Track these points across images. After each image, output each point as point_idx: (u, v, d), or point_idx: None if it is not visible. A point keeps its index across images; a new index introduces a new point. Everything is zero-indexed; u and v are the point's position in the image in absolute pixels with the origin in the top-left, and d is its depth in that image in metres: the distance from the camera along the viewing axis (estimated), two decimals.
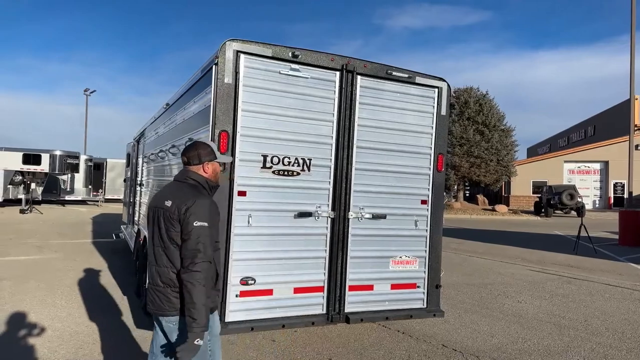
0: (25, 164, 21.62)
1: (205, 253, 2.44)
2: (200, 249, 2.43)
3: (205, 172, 2.74)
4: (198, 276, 2.40)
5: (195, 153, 2.74)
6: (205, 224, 2.48)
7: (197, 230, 2.45)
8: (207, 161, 2.74)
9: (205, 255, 2.44)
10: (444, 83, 4.57)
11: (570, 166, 37.03)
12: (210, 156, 2.76)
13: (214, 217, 2.57)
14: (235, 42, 3.71)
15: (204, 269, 2.42)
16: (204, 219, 2.48)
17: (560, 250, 12.84)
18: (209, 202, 2.57)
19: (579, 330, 5.60)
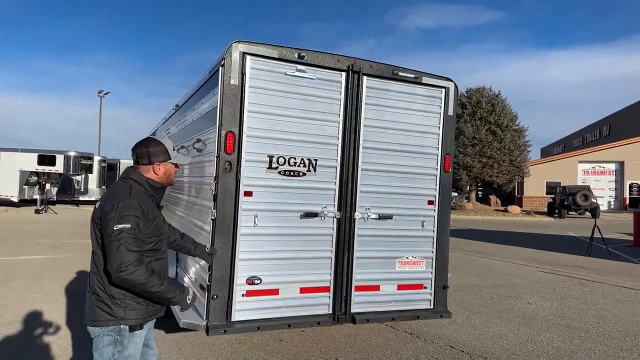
0: (40, 165, 21.95)
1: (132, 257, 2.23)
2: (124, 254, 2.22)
3: (156, 173, 2.51)
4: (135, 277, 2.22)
5: (146, 151, 2.50)
6: (127, 225, 2.25)
7: (118, 233, 2.24)
8: (159, 162, 2.51)
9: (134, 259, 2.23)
10: (451, 83, 4.55)
11: (585, 166, 36.54)
12: (162, 156, 2.51)
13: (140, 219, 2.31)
14: (241, 44, 3.74)
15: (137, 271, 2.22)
16: (125, 221, 2.25)
17: (573, 251, 12.68)
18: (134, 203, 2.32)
19: (590, 333, 5.53)
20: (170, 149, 2.58)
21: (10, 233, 13.24)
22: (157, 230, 2.45)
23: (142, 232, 2.31)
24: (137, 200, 2.34)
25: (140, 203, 2.34)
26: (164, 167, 2.53)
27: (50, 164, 21.94)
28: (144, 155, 2.49)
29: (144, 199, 2.40)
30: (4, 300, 6.19)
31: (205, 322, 3.69)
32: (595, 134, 48.63)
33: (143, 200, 2.38)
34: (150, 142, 2.54)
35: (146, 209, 2.36)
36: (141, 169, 2.50)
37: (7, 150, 22.41)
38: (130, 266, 2.20)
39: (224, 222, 3.72)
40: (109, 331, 2.37)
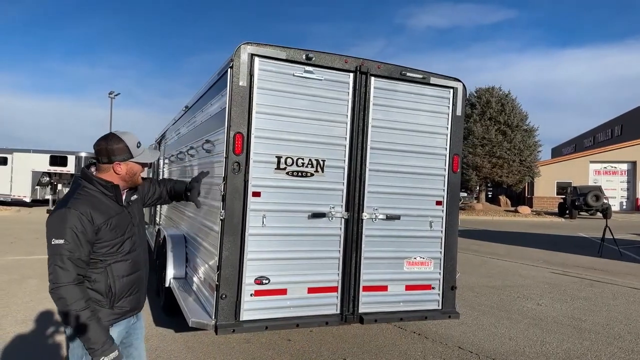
0: (52, 166, 22.19)
1: (65, 276, 2.07)
2: (56, 272, 2.07)
3: (117, 172, 2.31)
4: (63, 303, 2.08)
5: (105, 148, 2.28)
6: (61, 241, 2.08)
7: (52, 249, 2.09)
8: (120, 160, 2.30)
9: (66, 278, 2.08)
10: (459, 83, 4.54)
11: (596, 167, 36.15)
12: (123, 154, 2.30)
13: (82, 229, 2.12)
14: (249, 46, 3.77)
15: (67, 294, 2.07)
16: (60, 235, 2.08)
17: (584, 252, 12.56)
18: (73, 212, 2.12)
19: (600, 334, 5.49)
20: (134, 145, 2.34)
21: (23, 233, 13.42)
22: (114, 232, 2.26)
23: (82, 243, 2.12)
24: (77, 209, 2.14)
25: (80, 212, 2.14)
26: (126, 167, 2.32)
27: (62, 165, 22.17)
28: (103, 154, 2.28)
29: (90, 204, 2.20)
30: (16, 299, 6.28)
31: (214, 322, 3.73)
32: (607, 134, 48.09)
33: (86, 205, 2.18)
34: (110, 138, 2.31)
35: (89, 217, 2.15)
36: (100, 168, 2.32)
37: (20, 151, 22.70)
38: (61, 287, 2.07)
39: (233, 222, 3.75)
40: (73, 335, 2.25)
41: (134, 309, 2.42)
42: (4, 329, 5.06)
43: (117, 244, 2.29)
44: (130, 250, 2.36)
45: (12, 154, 22.57)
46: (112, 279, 2.27)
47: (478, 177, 31.11)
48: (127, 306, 2.36)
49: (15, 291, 6.67)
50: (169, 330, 5.13)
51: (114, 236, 2.27)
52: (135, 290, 2.40)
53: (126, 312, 2.37)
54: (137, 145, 2.36)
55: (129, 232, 2.36)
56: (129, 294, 2.36)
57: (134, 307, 2.42)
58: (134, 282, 2.37)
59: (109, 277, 2.26)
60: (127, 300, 2.35)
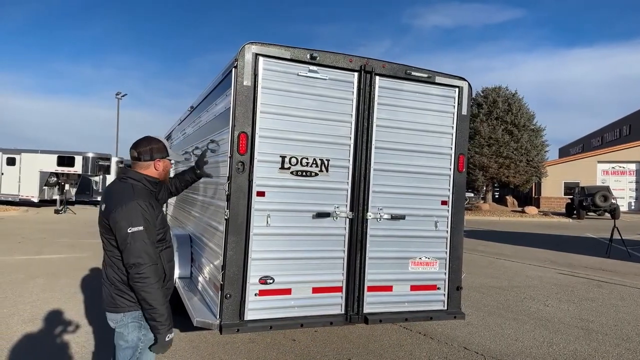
0: (60, 166, 22.35)
1: (148, 257, 2.39)
2: (142, 255, 2.37)
3: (157, 169, 2.69)
4: (148, 282, 2.37)
5: (148, 148, 2.67)
6: (140, 228, 2.39)
7: (133, 236, 2.37)
8: (159, 158, 2.68)
9: (150, 259, 2.40)
10: (464, 82, 4.52)
11: (604, 167, 35.86)
12: (162, 153, 2.70)
13: (149, 217, 2.46)
14: (254, 45, 3.76)
15: (152, 273, 2.38)
16: (137, 223, 2.39)
17: (592, 253, 12.47)
18: (141, 203, 2.45)
19: (608, 336, 5.44)
20: (168, 146, 2.76)
21: (31, 233, 13.52)
22: (162, 222, 2.61)
23: (152, 228, 2.46)
24: (142, 199, 2.47)
25: (146, 202, 2.48)
26: (163, 164, 2.70)
27: (69, 165, 22.32)
28: (147, 152, 2.65)
29: (147, 196, 2.54)
30: (23, 298, 6.32)
31: (219, 321, 3.72)
32: (615, 134, 47.69)
33: (146, 197, 2.52)
34: (152, 139, 2.72)
35: (152, 205, 2.51)
36: (140, 166, 2.65)
37: (28, 152, 22.89)
38: (147, 267, 2.37)
39: (237, 222, 3.75)
40: (132, 318, 2.50)
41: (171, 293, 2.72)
42: (11, 328, 5.10)
43: (164, 233, 2.62)
44: (169, 239, 2.71)
45: (20, 155, 22.77)
46: (164, 264, 2.58)
47: (485, 177, 30.97)
48: (170, 287, 2.69)
49: (22, 290, 6.72)
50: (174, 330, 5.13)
51: (163, 225, 2.61)
52: (172, 275, 2.78)
53: (169, 294, 2.65)
54: (170, 147, 2.77)
55: (167, 224, 2.72)
56: (170, 278, 2.70)
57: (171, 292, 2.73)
58: (173, 268, 2.76)
59: (162, 262, 2.56)
60: (170, 283, 2.69)
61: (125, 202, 2.43)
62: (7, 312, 5.66)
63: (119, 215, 2.39)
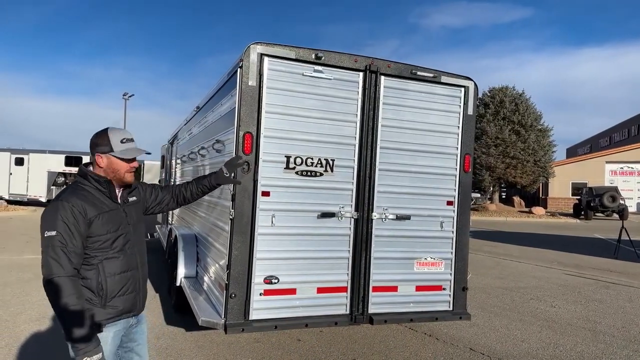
0: (68, 166, 22.52)
1: (57, 267, 2.07)
2: (48, 264, 2.08)
3: (100, 165, 2.33)
4: (52, 296, 2.07)
5: (91, 142, 2.35)
6: (53, 233, 2.10)
7: (45, 241, 2.11)
8: (100, 153, 2.31)
9: (58, 269, 2.07)
10: (470, 82, 4.50)
11: (613, 167, 35.56)
12: (103, 147, 2.30)
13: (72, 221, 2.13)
14: (259, 45, 3.77)
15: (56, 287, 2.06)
16: (52, 227, 2.11)
17: (600, 254, 12.36)
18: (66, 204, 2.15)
19: (616, 337, 5.39)
20: (117, 140, 2.32)
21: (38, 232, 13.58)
22: (105, 227, 2.26)
23: (74, 235, 2.13)
24: (69, 202, 2.16)
25: (72, 204, 2.16)
26: (107, 160, 2.31)
27: (76, 165, 22.45)
28: (90, 146, 2.35)
29: (83, 197, 2.22)
30: (30, 297, 6.37)
31: (224, 321, 3.74)
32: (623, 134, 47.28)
33: (79, 199, 2.20)
34: (99, 133, 2.35)
35: (81, 209, 2.17)
36: (93, 163, 2.36)
37: (36, 152, 23.08)
38: (54, 279, 2.06)
39: (242, 221, 3.75)
40: None
41: (129, 310, 2.38)
42: (19, 327, 5.14)
43: (109, 240, 2.28)
44: (123, 248, 2.34)
45: (28, 155, 22.95)
46: (103, 276, 2.25)
47: (491, 178, 30.82)
48: (120, 305, 2.32)
49: (30, 290, 6.77)
50: (179, 329, 5.16)
51: (106, 231, 2.26)
52: (129, 290, 2.36)
53: (121, 312, 2.33)
54: (121, 141, 2.33)
55: (122, 229, 2.35)
56: (122, 293, 2.33)
57: (130, 308, 2.38)
58: (126, 280, 2.34)
59: (100, 274, 2.25)
60: (120, 300, 2.32)
61: (53, 202, 2.19)
62: (14, 311, 5.71)
63: (43, 216, 2.17)
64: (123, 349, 2.46)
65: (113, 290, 2.29)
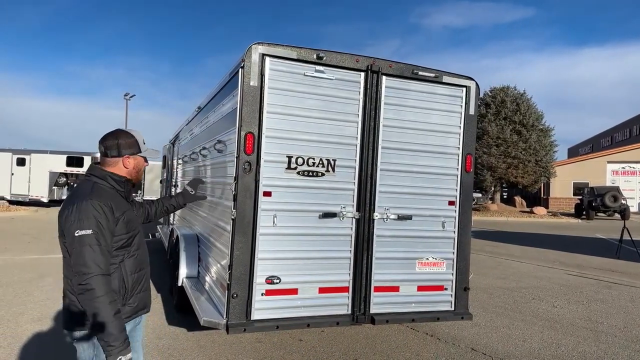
0: (69, 166, 22.55)
1: (95, 266, 2.08)
2: (87, 263, 2.08)
3: (126, 166, 2.37)
4: (92, 294, 2.06)
5: (115, 143, 2.34)
6: (89, 231, 2.10)
7: (79, 240, 2.09)
8: (129, 154, 2.35)
9: (97, 268, 2.09)
10: (472, 82, 4.50)
11: (614, 167, 35.51)
12: (132, 148, 2.36)
13: (103, 220, 2.16)
14: (261, 46, 3.77)
15: (98, 285, 2.07)
16: (86, 225, 2.10)
17: (602, 254, 12.35)
18: (95, 204, 2.16)
19: (618, 337, 5.38)
20: (141, 141, 2.42)
21: (41, 232, 13.64)
22: (127, 226, 2.31)
23: (106, 233, 2.17)
24: (97, 200, 2.18)
25: (101, 202, 2.18)
26: (134, 161, 2.38)
27: (78, 165, 22.50)
28: (113, 147, 2.34)
29: (108, 197, 2.25)
30: (32, 297, 6.38)
31: (226, 321, 3.74)
32: (625, 134, 47.21)
33: (106, 198, 2.23)
34: (120, 133, 2.39)
35: (109, 208, 2.21)
36: (106, 163, 2.36)
37: (38, 152, 23.10)
38: (93, 278, 2.07)
39: (244, 221, 3.76)
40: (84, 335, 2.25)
41: (142, 307, 2.46)
42: (21, 327, 5.15)
43: (130, 238, 2.33)
44: (139, 246, 2.41)
45: (30, 155, 22.98)
46: (125, 275, 2.31)
47: (493, 178, 30.79)
48: (136, 303, 2.38)
49: (32, 289, 6.78)
50: (181, 329, 5.16)
51: (128, 230, 2.31)
52: (143, 287, 2.44)
53: (136, 309, 2.40)
54: (143, 142, 2.45)
55: (137, 228, 2.43)
56: (138, 291, 2.40)
57: (143, 306, 2.46)
58: (141, 278, 2.42)
59: (123, 273, 2.30)
60: (137, 297, 2.38)
61: (79, 202, 2.16)
62: (16, 311, 5.72)
63: (70, 216, 2.14)
64: None
65: (133, 289, 2.35)
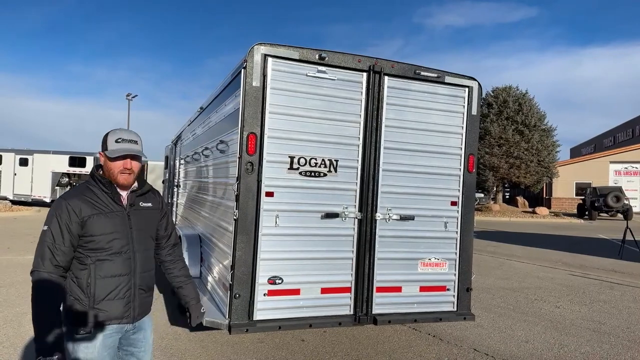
0: (71, 167, 22.61)
1: (41, 262, 2.12)
2: (36, 257, 2.14)
3: (101, 163, 2.38)
4: (32, 289, 2.11)
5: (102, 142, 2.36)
6: (45, 227, 2.17)
7: (40, 235, 2.18)
8: (100, 151, 2.35)
9: (42, 265, 2.12)
10: (474, 82, 4.49)
11: (617, 167, 35.41)
12: (102, 146, 2.34)
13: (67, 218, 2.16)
14: (263, 46, 3.77)
15: (38, 282, 2.10)
16: (47, 222, 2.18)
17: (604, 254, 12.31)
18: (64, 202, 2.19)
19: (621, 338, 5.37)
20: (112, 140, 2.29)
21: None
22: (101, 228, 2.23)
23: (63, 233, 2.15)
24: (67, 199, 2.21)
25: (69, 202, 2.19)
26: (103, 159, 2.33)
27: (80, 166, 22.56)
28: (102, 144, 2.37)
29: (83, 197, 2.24)
30: None
31: (228, 321, 3.74)
32: (627, 134, 47.07)
33: (78, 198, 2.22)
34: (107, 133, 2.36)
35: (77, 208, 2.18)
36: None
37: (40, 152, 23.16)
38: (35, 273, 2.12)
39: (246, 222, 3.76)
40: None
41: (119, 317, 2.30)
42: (23, 326, 5.16)
43: (105, 241, 2.24)
44: (120, 251, 2.28)
45: (33, 155, 23.05)
46: (92, 277, 2.22)
47: (495, 178, 30.74)
48: (108, 310, 2.25)
49: None
50: (183, 329, 5.17)
51: (100, 232, 2.23)
52: (120, 295, 2.28)
53: (109, 317, 2.27)
54: (115, 141, 2.29)
55: (120, 232, 2.29)
56: (111, 297, 2.26)
57: (119, 315, 2.30)
58: (116, 284, 2.27)
59: (90, 275, 2.22)
60: (108, 304, 2.25)
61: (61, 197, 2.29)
62: (19, 311, 5.73)
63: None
64: (123, 351, 2.43)
65: (101, 293, 2.24)
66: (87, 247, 2.22)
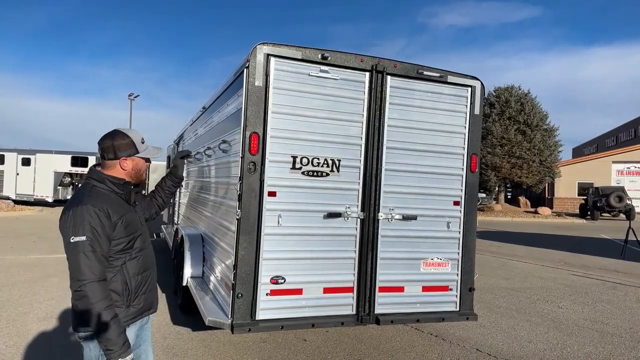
0: (74, 166, 22.65)
1: (90, 273, 2.09)
2: (81, 269, 2.08)
3: (124, 168, 2.34)
4: (86, 301, 2.08)
5: (111, 145, 2.31)
6: (83, 238, 2.09)
7: (74, 246, 2.10)
8: (126, 156, 2.33)
9: (92, 275, 2.09)
10: (477, 82, 4.48)
11: (619, 167, 35.34)
12: (129, 150, 2.33)
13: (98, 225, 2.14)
14: (265, 46, 3.77)
15: (91, 292, 2.08)
16: (80, 232, 2.10)
17: (607, 254, 12.29)
18: (90, 209, 2.14)
19: (623, 338, 5.36)
20: (139, 141, 2.38)
21: (46, 232, 13.69)
22: (127, 229, 2.28)
23: (102, 239, 2.15)
24: (92, 205, 2.16)
25: (97, 208, 2.16)
26: (132, 162, 2.36)
27: (83, 166, 22.60)
28: (109, 150, 2.31)
29: (105, 200, 2.23)
30: (38, 296, 6.41)
31: (230, 320, 3.74)
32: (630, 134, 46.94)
33: (102, 202, 2.21)
34: (116, 135, 2.34)
35: (105, 212, 2.18)
36: (105, 165, 2.34)
37: (42, 152, 23.21)
38: (86, 285, 2.08)
39: (249, 221, 3.76)
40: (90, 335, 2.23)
41: (148, 308, 2.45)
42: (26, 326, 5.17)
43: (130, 241, 2.31)
44: (141, 248, 2.38)
45: (35, 155, 23.10)
46: (128, 277, 2.29)
47: (497, 178, 30.70)
48: (141, 304, 2.38)
49: (37, 289, 6.81)
50: (186, 329, 5.17)
51: (127, 233, 2.29)
52: (148, 288, 2.42)
53: (142, 310, 2.39)
54: (141, 141, 2.40)
55: (139, 229, 2.40)
56: (143, 292, 2.39)
57: (148, 306, 2.45)
58: (145, 279, 2.40)
59: (125, 276, 2.28)
60: (141, 299, 2.37)
61: (75, 207, 2.15)
62: (22, 310, 5.75)
63: (67, 222, 2.14)
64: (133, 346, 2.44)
65: (137, 290, 2.34)
66: (116, 249, 2.25)
